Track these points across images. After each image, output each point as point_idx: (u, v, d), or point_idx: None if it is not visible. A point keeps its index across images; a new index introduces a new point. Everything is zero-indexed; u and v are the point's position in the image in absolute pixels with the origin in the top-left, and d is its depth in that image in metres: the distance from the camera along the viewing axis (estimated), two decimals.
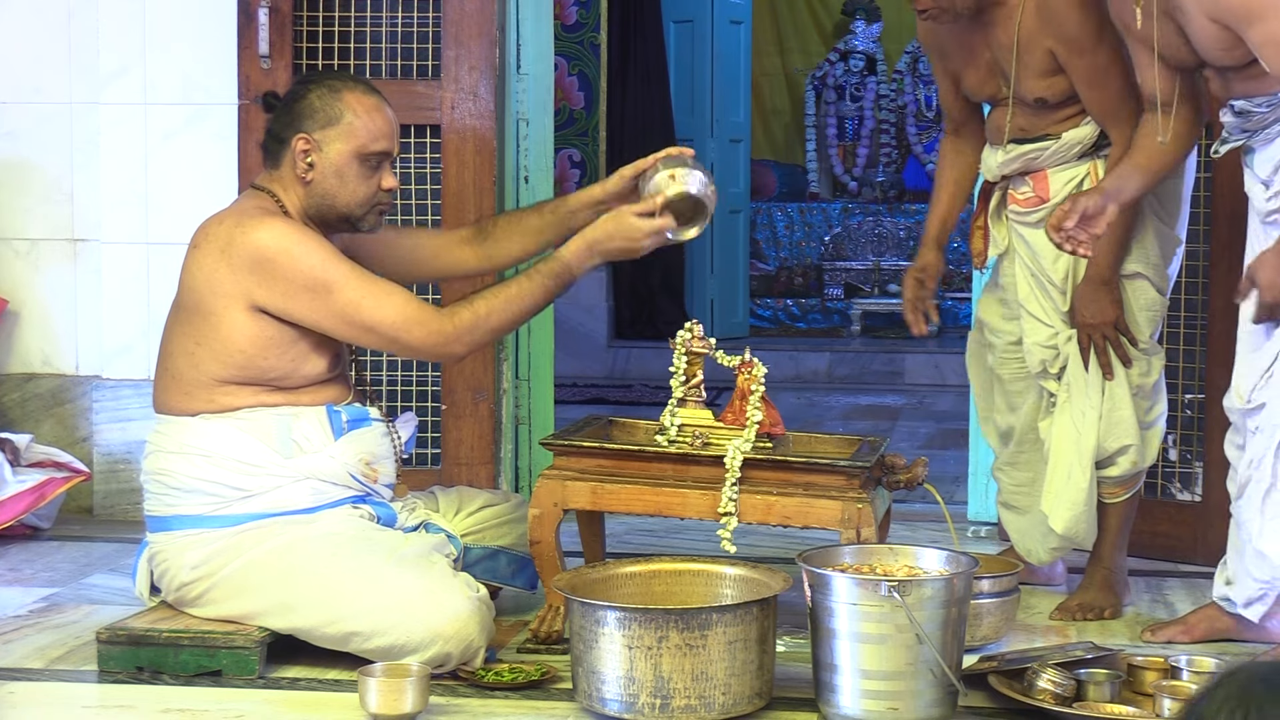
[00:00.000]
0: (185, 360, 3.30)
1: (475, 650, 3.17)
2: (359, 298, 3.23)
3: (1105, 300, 3.63)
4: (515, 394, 4.77)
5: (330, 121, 3.31)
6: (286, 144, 3.33)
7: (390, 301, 3.25)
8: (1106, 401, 3.65)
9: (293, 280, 3.21)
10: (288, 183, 3.35)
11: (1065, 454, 3.67)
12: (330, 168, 3.32)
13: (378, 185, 3.35)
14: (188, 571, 3.28)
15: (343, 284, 3.23)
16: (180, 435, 3.29)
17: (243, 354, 3.26)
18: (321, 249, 3.26)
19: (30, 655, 3.39)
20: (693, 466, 3.37)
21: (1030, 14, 3.56)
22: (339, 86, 3.35)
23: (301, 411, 3.30)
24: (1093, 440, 3.64)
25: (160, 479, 3.31)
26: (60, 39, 4.83)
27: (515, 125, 4.75)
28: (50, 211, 4.87)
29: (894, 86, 10.74)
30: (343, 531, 3.27)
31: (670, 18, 9.03)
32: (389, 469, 3.41)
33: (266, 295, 3.23)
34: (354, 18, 4.59)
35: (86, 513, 4.79)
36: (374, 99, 3.36)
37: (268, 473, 3.26)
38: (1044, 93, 3.61)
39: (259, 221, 3.27)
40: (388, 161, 3.37)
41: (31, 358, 4.90)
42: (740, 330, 9.40)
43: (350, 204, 3.34)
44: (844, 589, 2.87)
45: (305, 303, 3.23)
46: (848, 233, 10.28)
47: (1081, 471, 3.65)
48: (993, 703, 3.05)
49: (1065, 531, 3.68)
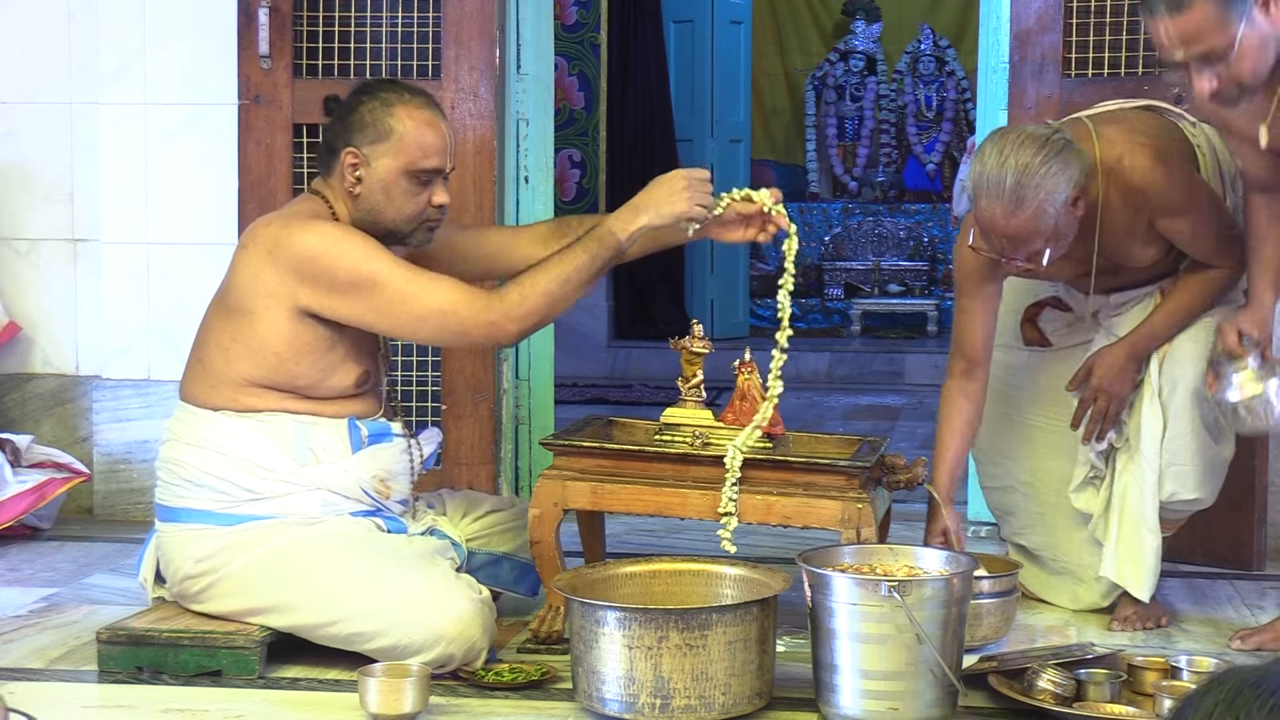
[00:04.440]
0: (219, 354, 3.29)
1: (478, 651, 3.17)
2: (405, 289, 3.18)
3: (1131, 373, 3.55)
4: (515, 394, 4.76)
5: (380, 137, 3.27)
6: (337, 154, 3.30)
7: (436, 288, 3.20)
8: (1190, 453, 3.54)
9: (337, 277, 3.18)
10: (338, 192, 3.33)
11: (1137, 516, 3.57)
12: (378, 183, 3.28)
13: (426, 201, 3.30)
14: (191, 564, 3.28)
15: (388, 277, 3.18)
16: (199, 428, 3.29)
17: (276, 356, 3.24)
18: (365, 245, 3.21)
19: (30, 655, 3.39)
20: (693, 466, 3.37)
21: (1116, 208, 3.45)
22: (392, 100, 3.29)
23: (322, 421, 3.29)
24: (1155, 501, 3.55)
25: (174, 469, 3.31)
26: (60, 39, 4.83)
27: (515, 125, 4.75)
28: (50, 212, 4.87)
29: (894, 86, 10.74)
30: (347, 533, 3.27)
31: (670, 18, 9.03)
32: (404, 486, 3.39)
33: (311, 295, 3.21)
34: (354, 18, 4.59)
35: (86, 513, 4.79)
36: (428, 114, 3.31)
37: (280, 478, 3.26)
38: (1151, 259, 3.54)
39: (305, 224, 3.25)
40: (439, 178, 3.32)
41: (31, 358, 4.90)
42: (740, 330, 9.40)
43: (397, 220, 3.30)
44: (844, 589, 2.87)
45: (352, 300, 3.19)
46: (848, 233, 10.28)
47: (1151, 534, 3.56)
48: (993, 703, 3.05)
49: (1145, 595, 3.58)
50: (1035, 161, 3.29)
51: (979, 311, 3.64)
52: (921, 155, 10.61)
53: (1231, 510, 4.13)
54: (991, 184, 3.29)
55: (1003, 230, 3.32)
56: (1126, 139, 3.46)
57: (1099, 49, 4.34)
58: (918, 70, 10.67)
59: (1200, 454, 3.53)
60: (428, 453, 3.46)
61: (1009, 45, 4.43)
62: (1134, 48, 4.30)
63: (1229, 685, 1.40)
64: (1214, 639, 3.57)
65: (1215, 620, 3.73)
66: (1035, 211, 3.29)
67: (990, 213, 3.31)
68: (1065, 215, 3.33)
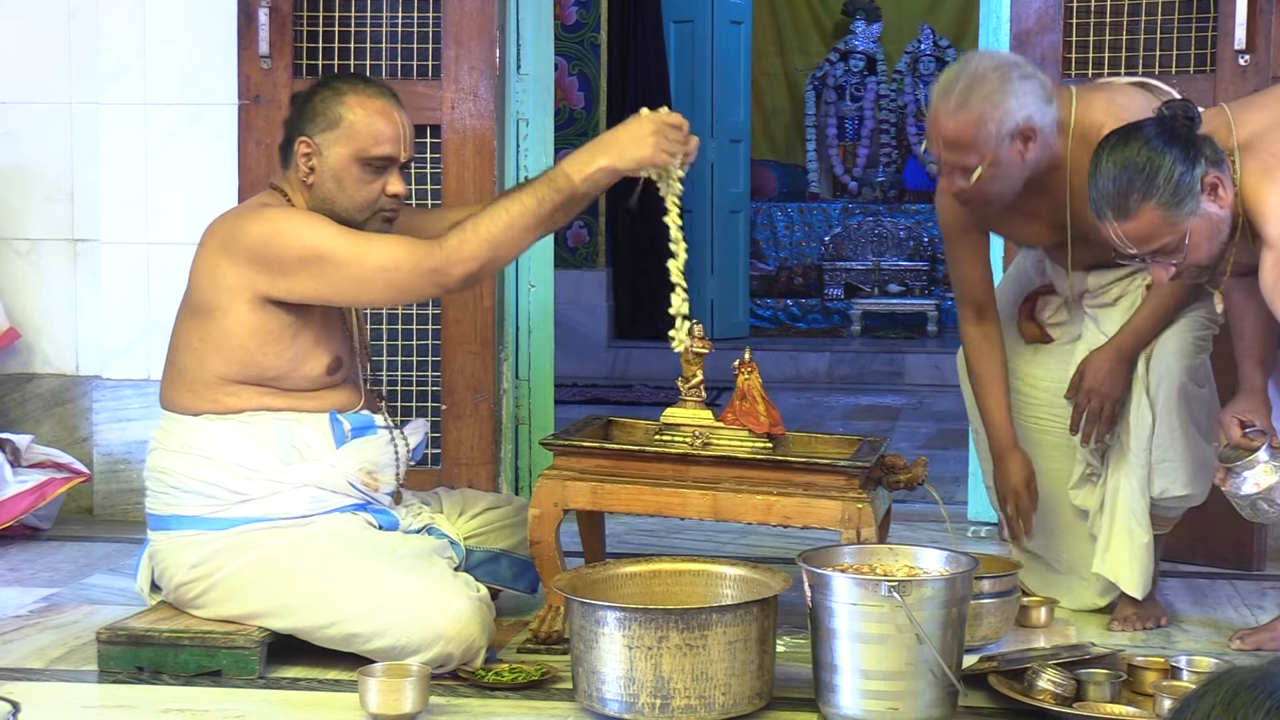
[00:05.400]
0: (190, 356, 3.29)
1: (476, 650, 3.17)
2: (348, 256, 3.18)
3: (1121, 374, 3.55)
4: (515, 394, 4.76)
5: (330, 125, 3.27)
6: (292, 145, 3.32)
7: (378, 248, 3.19)
8: (1179, 450, 3.54)
9: (285, 258, 3.19)
10: (295, 184, 3.34)
11: (1127, 513, 3.58)
12: (329, 172, 3.28)
13: (380, 190, 3.29)
14: (186, 571, 3.27)
15: (330, 247, 3.18)
16: (183, 435, 3.29)
17: (243, 349, 3.24)
18: (309, 221, 3.22)
19: (30, 655, 3.39)
20: (693, 466, 3.37)
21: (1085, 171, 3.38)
22: (344, 89, 3.29)
23: (304, 418, 3.29)
24: (1145, 499, 3.56)
25: (161, 477, 3.31)
26: (60, 39, 4.83)
27: (515, 125, 4.74)
28: (50, 212, 4.87)
29: (894, 86, 10.74)
30: (342, 533, 3.27)
31: (670, 18, 9.03)
32: (390, 478, 3.39)
33: (267, 281, 3.21)
34: (354, 18, 4.59)
35: (86, 513, 4.79)
36: (380, 102, 3.29)
37: (266, 478, 3.26)
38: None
39: (253, 213, 3.27)
40: (395, 167, 3.30)
41: (32, 358, 4.90)
42: (740, 330, 9.39)
43: (350, 209, 3.29)
44: (844, 589, 2.87)
45: (304, 277, 3.19)
46: (848, 233, 10.27)
47: (1142, 529, 3.57)
48: (993, 703, 3.05)
49: (1138, 593, 3.59)
50: (994, 75, 3.32)
51: (969, 258, 3.67)
52: (921, 155, 10.60)
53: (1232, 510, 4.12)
54: (946, 82, 3.34)
55: (941, 130, 3.33)
56: (1106, 109, 3.44)
57: (1099, 49, 4.34)
58: (918, 70, 10.66)
59: (1189, 450, 3.54)
60: (414, 443, 3.45)
61: (1009, 45, 4.43)
62: (1134, 48, 4.30)
63: (1226, 686, 1.39)
64: (1214, 639, 3.57)
65: (1215, 620, 3.73)
66: (976, 119, 3.29)
67: (935, 111, 3.34)
68: (1009, 146, 3.33)
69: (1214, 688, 1.41)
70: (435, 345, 4.57)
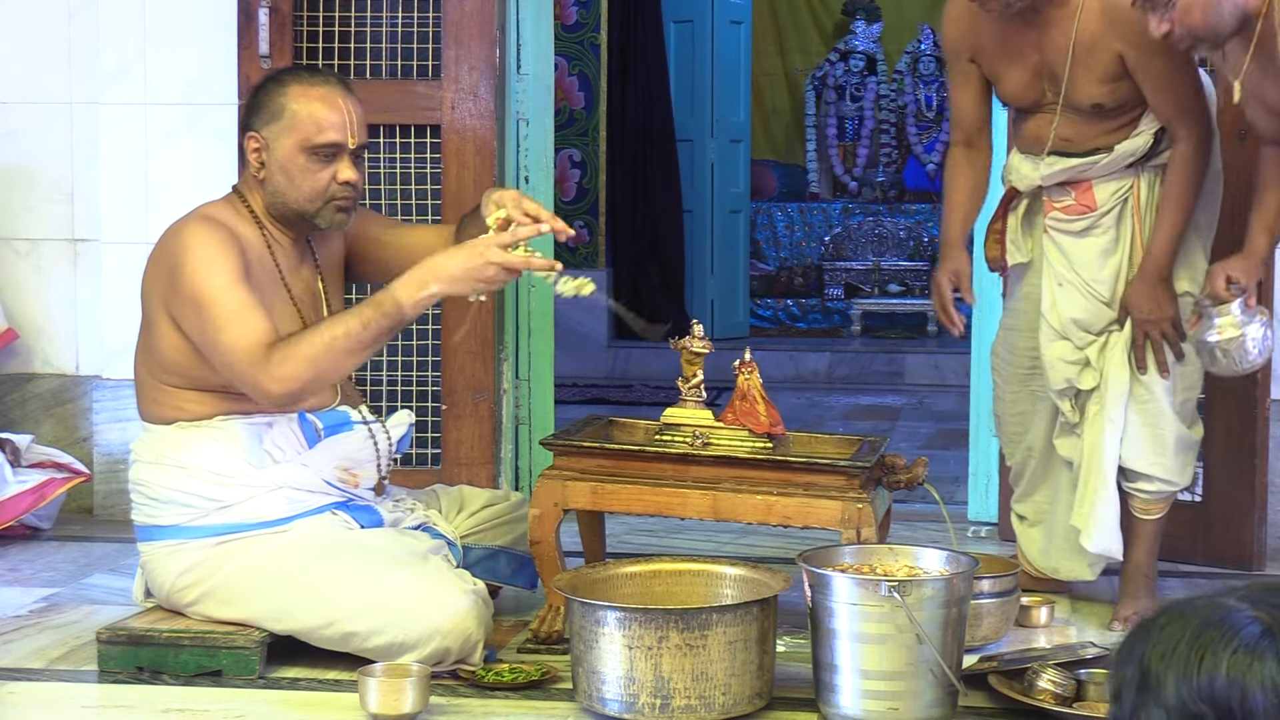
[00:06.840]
0: (142, 368, 3.31)
1: (474, 645, 3.16)
2: (218, 319, 3.09)
3: (1163, 296, 3.52)
4: (515, 394, 4.76)
5: (274, 117, 3.23)
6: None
7: (239, 331, 3.07)
8: (1150, 417, 3.57)
9: (182, 291, 3.14)
10: (251, 184, 3.31)
11: (1096, 467, 3.59)
12: (278, 165, 3.24)
13: (330, 179, 3.24)
14: (176, 577, 3.27)
15: (213, 300, 3.10)
16: (157, 446, 3.28)
17: (175, 363, 3.22)
18: (213, 264, 3.12)
19: (30, 655, 3.39)
20: (693, 466, 3.37)
21: (1094, 15, 3.41)
22: (288, 80, 3.27)
23: (276, 420, 3.25)
24: (1115, 454, 3.57)
25: (140, 488, 3.31)
26: (60, 39, 4.83)
27: (515, 125, 4.74)
28: (50, 212, 4.87)
29: (894, 86, 10.74)
30: (333, 534, 3.26)
31: (670, 18, 9.03)
32: (371, 472, 3.36)
33: (171, 301, 3.17)
34: (354, 18, 4.59)
35: (86, 513, 4.79)
36: (323, 89, 3.24)
37: (240, 483, 3.24)
38: (1103, 99, 3.48)
39: (183, 225, 3.23)
40: (344, 154, 3.24)
41: (31, 358, 4.90)
42: (740, 330, 9.39)
43: (300, 201, 3.25)
44: (844, 589, 2.87)
45: (189, 316, 3.14)
46: (848, 233, 10.27)
47: (1104, 485, 3.58)
48: (993, 703, 3.05)
49: (1099, 550, 3.59)
50: None
51: (961, 86, 3.77)
52: (922, 155, 10.60)
53: (1231, 510, 4.14)
54: None
55: None
56: None
57: None
58: (918, 70, 10.66)
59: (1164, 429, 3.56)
60: (397, 437, 3.41)
61: None
62: None
63: (1192, 622, 1.34)
64: None
65: None
66: None
67: None
68: None
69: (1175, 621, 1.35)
70: (435, 345, 4.57)
